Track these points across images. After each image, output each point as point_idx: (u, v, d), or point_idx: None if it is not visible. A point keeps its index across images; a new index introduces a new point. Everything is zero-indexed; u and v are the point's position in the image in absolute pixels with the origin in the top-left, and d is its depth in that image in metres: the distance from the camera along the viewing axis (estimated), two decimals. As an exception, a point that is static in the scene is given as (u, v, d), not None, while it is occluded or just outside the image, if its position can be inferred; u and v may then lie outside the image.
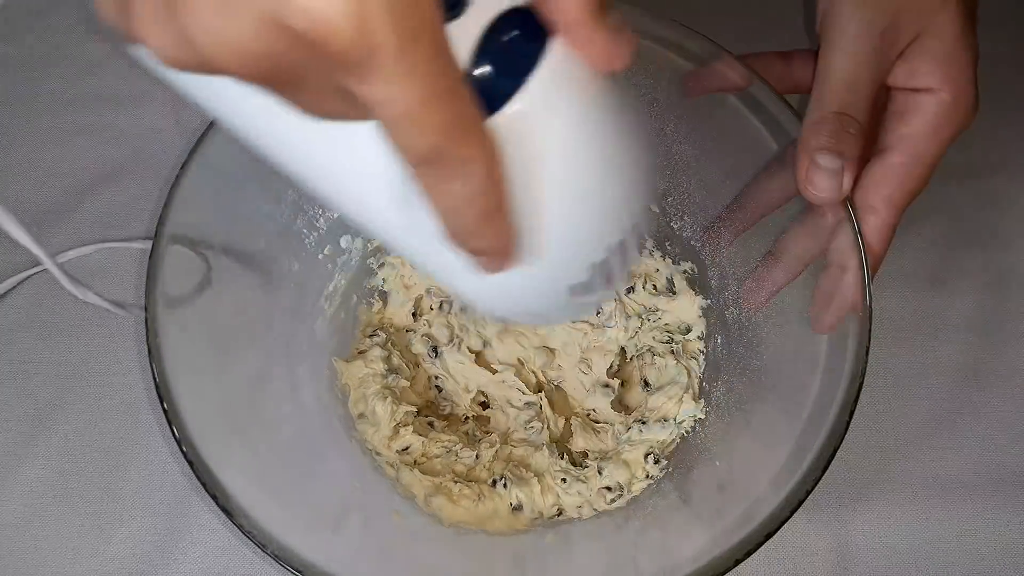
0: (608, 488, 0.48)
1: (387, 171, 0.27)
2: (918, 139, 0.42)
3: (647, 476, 0.48)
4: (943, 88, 0.42)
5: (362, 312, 0.53)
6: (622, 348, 0.53)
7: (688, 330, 0.52)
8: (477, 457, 0.49)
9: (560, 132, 0.28)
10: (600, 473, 0.48)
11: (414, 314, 0.54)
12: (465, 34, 0.26)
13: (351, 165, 0.29)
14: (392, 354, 0.51)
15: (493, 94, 0.27)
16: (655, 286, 0.53)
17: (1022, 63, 0.60)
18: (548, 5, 0.27)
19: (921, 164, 0.42)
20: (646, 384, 0.51)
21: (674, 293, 0.53)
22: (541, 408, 0.51)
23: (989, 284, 0.55)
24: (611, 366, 0.52)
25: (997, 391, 0.52)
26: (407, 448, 0.49)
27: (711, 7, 0.60)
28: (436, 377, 0.53)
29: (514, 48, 0.27)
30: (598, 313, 0.53)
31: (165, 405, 0.39)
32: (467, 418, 0.52)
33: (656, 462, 0.48)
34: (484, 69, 0.26)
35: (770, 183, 0.46)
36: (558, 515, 0.48)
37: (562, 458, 0.49)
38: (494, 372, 0.52)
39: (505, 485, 0.48)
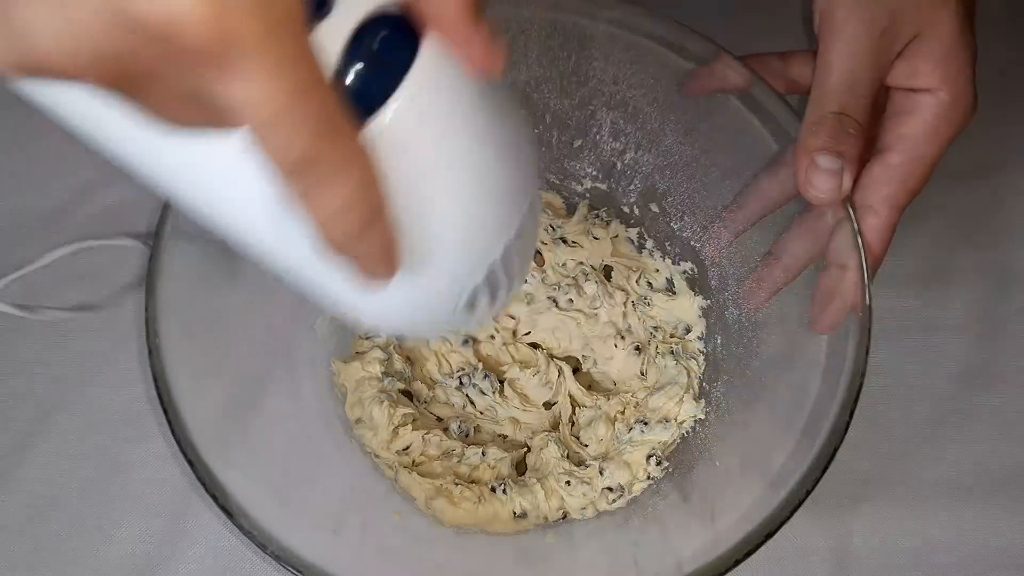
0: (610, 489, 0.48)
1: (256, 183, 0.25)
2: (917, 139, 0.42)
3: (648, 477, 0.48)
4: (942, 88, 0.42)
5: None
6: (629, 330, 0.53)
7: (688, 330, 0.52)
8: (484, 455, 0.49)
9: (438, 135, 0.27)
10: (601, 474, 0.48)
11: None
12: (332, 38, 0.25)
13: (217, 179, 0.27)
14: (393, 357, 0.51)
15: (365, 99, 0.25)
16: (650, 284, 0.53)
17: (1022, 63, 0.60)
18: (423, 3, 0.26)
19: (920, 164, 0.42)
20: (642, 374, 0.51)
21: (674, 293, 0.53)
22: (560, 372, 0.51)
23: (989, 284, 0.55)
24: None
25: (997, 391, 0.52)
26: (407, 448, 0.49)
27: (711, 7, 0.60)
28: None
29: (385, 51, 0.26)
30: (571, 301, 0.53)
31: (165, 405, 0.39)
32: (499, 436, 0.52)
33: (658, 464, 0.48)
34: (354, 74, 0.25)
35: (770, 183, 0.46)
36: (563, 518, 0.48)
37: (567, 457, 0.49)
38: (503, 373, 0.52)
39: (505, 491, 0.47)
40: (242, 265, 0.47)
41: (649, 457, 0.48)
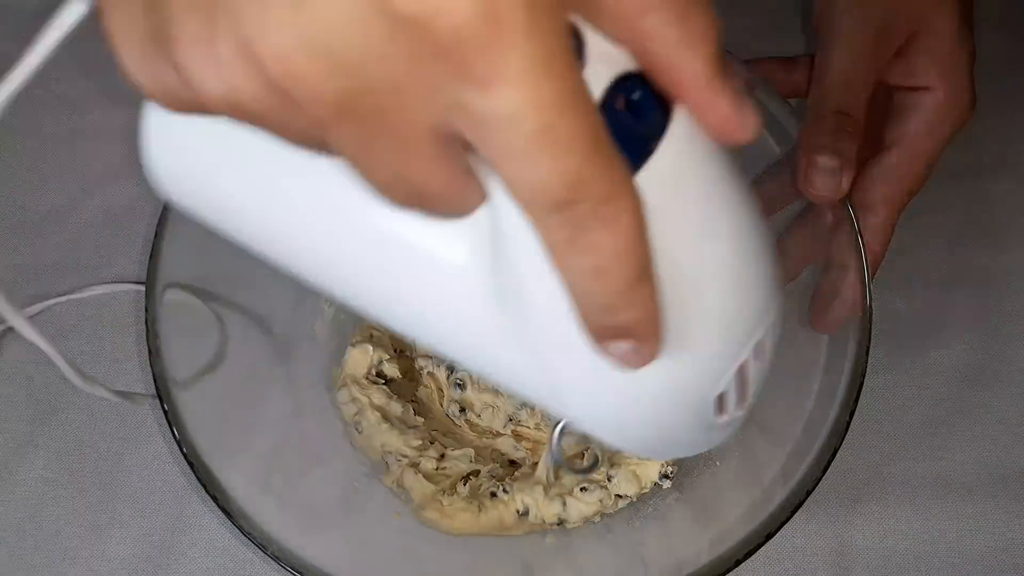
0: (619, 496, 0.47)
1: (473, 260, 0.24)
2: (916, 137, 0.43)
3: (654, 485, 0.48)
4: (939, 86, 0.42)
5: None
6: None
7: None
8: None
9: (697, 202, 0.25)
10: (609, 480, 0.48)
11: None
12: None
13: (424, 262, 0.25)
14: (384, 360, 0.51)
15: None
16: None
17: (1022, 63, 0.60)
18: (665, 67, 0.23)
19: (919, 162, 0.43)
20: None
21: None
22: None
23: (989, 284, 0.55)
24: None
25: (997, 391, 0.52)
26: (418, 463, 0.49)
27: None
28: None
29: (640, 110, 0.23)
30: None
31: (165, 405, 0.39)
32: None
33: (671, 481, 0.48)
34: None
35: (770, 183, 0.46)
36: (558, 524, 0.48)
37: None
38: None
39: (506, 491, 0.47)
40: (242, 266, 0.47)
41: (663, 477, 0.48)
